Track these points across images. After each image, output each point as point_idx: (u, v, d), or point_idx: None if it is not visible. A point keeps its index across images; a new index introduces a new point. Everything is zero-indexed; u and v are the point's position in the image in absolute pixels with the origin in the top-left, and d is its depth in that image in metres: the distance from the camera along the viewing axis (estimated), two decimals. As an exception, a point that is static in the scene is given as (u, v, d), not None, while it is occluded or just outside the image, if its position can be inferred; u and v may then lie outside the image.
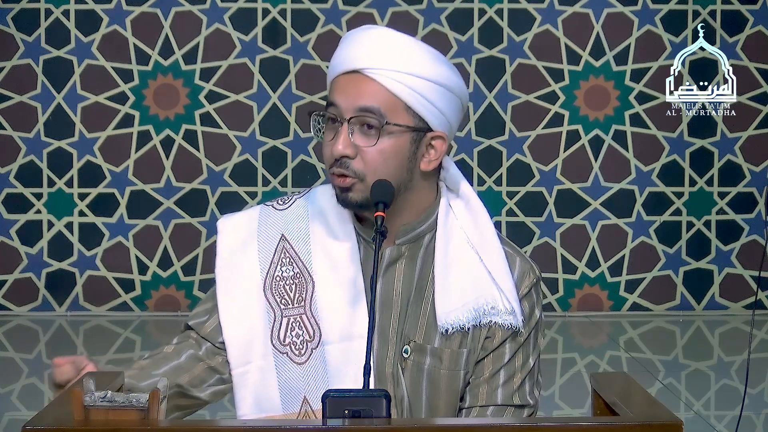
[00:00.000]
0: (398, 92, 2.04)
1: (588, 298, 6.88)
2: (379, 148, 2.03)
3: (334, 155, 2.04)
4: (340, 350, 2.05)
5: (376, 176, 2.03)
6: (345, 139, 2.04)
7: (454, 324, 2.06)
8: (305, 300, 2.08)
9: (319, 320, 2.07)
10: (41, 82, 6.69)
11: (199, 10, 6.72)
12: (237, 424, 1.81)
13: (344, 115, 2.04)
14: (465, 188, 2.15)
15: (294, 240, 2.12)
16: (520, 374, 2.11)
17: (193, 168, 6.76)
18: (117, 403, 1.65)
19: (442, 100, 2.08)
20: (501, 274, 2.10)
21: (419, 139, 2.07)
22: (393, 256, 2.10)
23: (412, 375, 2.08)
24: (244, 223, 2.16)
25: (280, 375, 2.07)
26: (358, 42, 2.08)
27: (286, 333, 2.08)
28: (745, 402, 3.75)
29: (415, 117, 2.06)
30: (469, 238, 2.12)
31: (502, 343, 2.09)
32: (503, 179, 6.76)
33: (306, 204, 2.16)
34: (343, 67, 2.07)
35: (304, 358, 2.07)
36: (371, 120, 2.03)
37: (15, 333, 6.41)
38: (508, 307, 2.08)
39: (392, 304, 2.09)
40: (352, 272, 2.08)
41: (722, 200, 6.89)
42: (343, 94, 2.05)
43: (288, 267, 2.11)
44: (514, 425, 1.80)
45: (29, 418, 1.70)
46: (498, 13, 6.78)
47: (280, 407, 2.06)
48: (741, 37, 6.82)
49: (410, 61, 2.05)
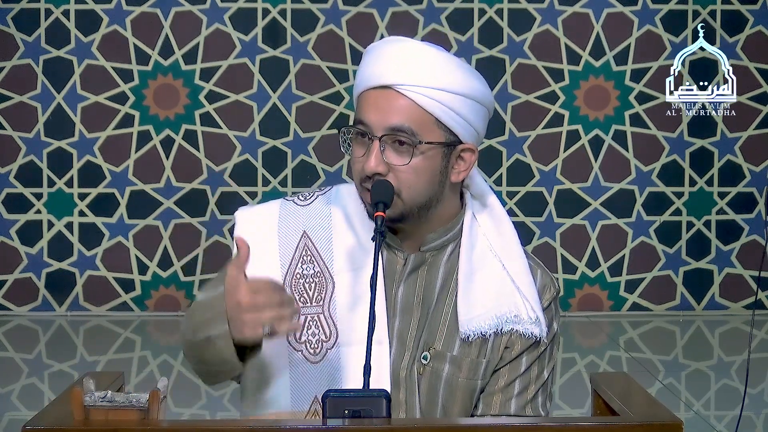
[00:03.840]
0: (429, 108, 2.03)
1: (588, 298, 6.88)
2: (412, 165, 2.02)
3: (366, 172, 2.03)
4: (355, 353, 2.03)
5: (411, 191, 2.03)
6: (377, 156, 2.02)
7: (475, 331, 2.06)
8: (324, 300, 2.07)
9: (336, 321, 2.06)
10: (41, 82, 6.69)
11: (199, 10, 6.71)
12: (237, 425, 1.81)
13: (375, 132, 2.03)
14: (490, 197, 2.15)
15: (316, 238, 2.11)
16: (534, 386, 2.10)
17: (193, 168, 6.75)
18: (117, 403, 1.65)
19: (471, 113, 2.08)
20: (525, 283, 2.09)
21: (450, 153, 2.06)
22: (416, 262, 2.09)
23: (429, 382, 2.07)
24: (264, 215, 2.15)
25: (293, 372, 2.06)
26: (386, 56, 2.07)
27: (303, 331, 2.06)
28: (745, 402, 3.75)
29: (445, 131, 2.05)
30: (492, 246, 2.11)
31: (519, 354, 2.08)
32: (503, 179, 6.76)
33: (328, 203, 2.14)
34: (372, 82, 2.05)
35: (319, 357, 2.06)
36: (402, 137, 2.02)
37: (15, 333, 6.41)
38: (533, 317, 2.08)
39: (412, 310, 2.08)
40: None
41: (722, 200, 6.89)
42: (373, 111, 2.04)
43: (309, 265, 2.09)
44: (514, 425, 1.80)
45: (29, 418, 1.70)
46: (498, 13, 6.78)
47: (290, 405, 2.05)
48: (741, 37, 6.82)
49: (440, 76, 2.04)
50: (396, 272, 2.09)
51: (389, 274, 2.08)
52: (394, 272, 2.09)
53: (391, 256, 2.09)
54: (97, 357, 5.90)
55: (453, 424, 1.91)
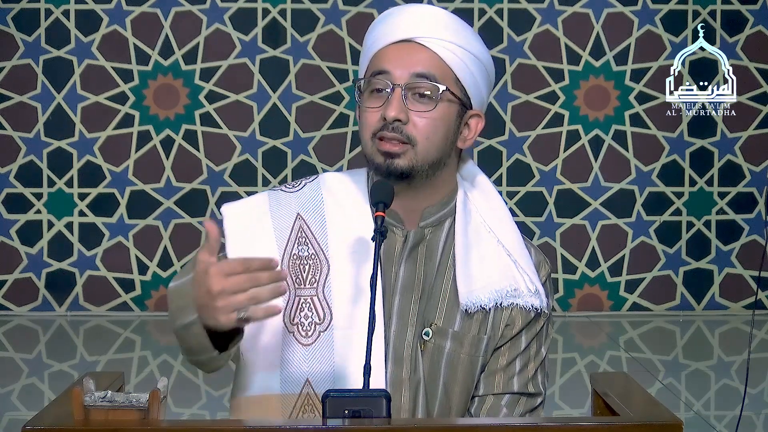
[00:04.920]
0: (451, 62, 2.04)
1: (588, 298, 6.88)
2: (435, 115, 2.02)
3: (387, 119, 2.01)
4: (349, 336, 2.02)
5: (427, 143, 2.02)
6: (399, 103, 2.01)
7: (475, 303, 2.06)
8: (318, 282, 2.05)
9: (331, 304, 2.04)
10: (41, 82, 6.69)
11: (199, 10, 6.71)
12: (237, 425, 1.81)
13: (397, 81, 2.02)
14: (479, 176, 2.16)
15: (310, 221, 2.09)
16: (533, 363, 2.11)
17: (193, 168, 6.76)
18: (117, 403, 1.65)
19: (482, 77, 2.09)
20: (521, 256, 2.11)
21: (462, 114, 2.07)
22: (416, 239, 2.09)
23: (431, 358, 2.06)
24: (253, 204, 2.14)
25: (284, 354, 2.04)
26: (405, 14, 2.08)
27: (296, 313, 2.04)
28: (745, 402, 3.75)
29: (461, 90, 2.06)
30: (485, 221, 2.12)
31: (519, 332, 2.09)
32: (503, 179, 6.76)
33: (318, 188, 2.13)
34: (393, 36, 2.05)
35: (311, 339, 2.03)
36: (425, 87, 2.02)
37: (15, 333, 6.41)
38: (531, 288, 2.08)
39: (414, 287, 2.07)
40: (369, 260, 2.03)
41: (722, 200, 6.89)
42: (396, 61, 2.03)
43: (304, 247, 2.07)
44: (514, 425, 1.80)
45: (29, 418, 1.70)
46: (498, 13, 6.78)
47: (279, 387, 2.03)
48: (741, 37, 6.82)
49: (459, 34, 2.07)
50: (395, 251, 2.08)
51: (388, 255, 2.07)
52: (393, 252, 2.08)
53: (390, 234, 2.06)
54: (97, 357, 5.90)
55: (453, 424, 1.91)
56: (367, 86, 2.06)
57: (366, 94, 2.06)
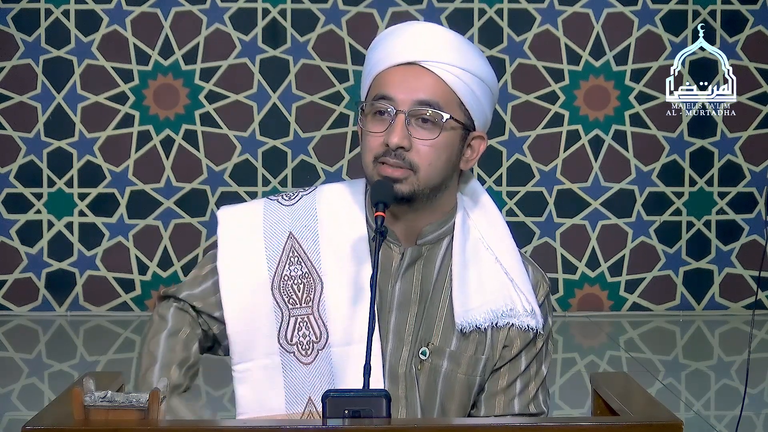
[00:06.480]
0: (454, 86, 2.03)
1: (588, 298, 6.88)
2: (438, 142, 2.02)
3: (389, 145, 2.00)
4: (347, 352, 2.03)
5: (429, 169, 2.01)
6: (402, 130, 2.00)
7: (471, 323, 2.05)
8: (313, 300, 2.05)
9: (326, 322, 2.04)
10: (41, 82, 6.69)
11: (199, 10, 6.71)
12: (237, 424, 1.81)
13: (401, 107, 2.01)
14: (482, 195, 2.16)
15: (302, 239, 2.08)
16: (534, 383, 2.10)
17: (193, 168, 6.75)
18: (117, 403, 1.65)
19: (486, 98, 2.09)
20: (518, 275, 2.09)
21: (465, 137, 2.07)
22: (413, 256, 2.08)
23: (428, 377, 2.06)
24: (248, 214, 2.12)
25: (287, 374, 2.05)
26: (409, 34, 2.06)
27: (293, 333, 2.05)
28: (745, 402, 3.74)
29: (465, 114, 2.06)
30: (484, 239, 2.11)
31: (518, 353, 2.08)
32: (503, 179, 6.76)
33: (313, 202, 2.11)
34: (397, 58, 2.03)
35: (311, 358, 2.05)
36: (428, 114, 2.01)
37: (15, 333, 6.41)
38: (528, 309, 2.07)
39: (409, 305, 2.07)
40: (362, 274, 2.04)
41: (722, 200, 6.89)
42: (399, 86, 2.02)
43: (296, 266, 2.07)
44: (514, 425, 1.80)
45: (29, 418, 1.70)
46: (498, 13, 6.78)
47: (284, 407, 2.04)
48: (741, 37, 6.82)
49: (464, 56, 2.04)
50: (392, 268, 2.07)
51: (385, 270, 2.06)
52: (390, 268, 2.07)
53: (387, 251, 2.07)
54: (97, 357, 5.90)
55: (453, 425, 1.91)
56: (370, 108, 2.04)
57: (369, 117, 2.05)
